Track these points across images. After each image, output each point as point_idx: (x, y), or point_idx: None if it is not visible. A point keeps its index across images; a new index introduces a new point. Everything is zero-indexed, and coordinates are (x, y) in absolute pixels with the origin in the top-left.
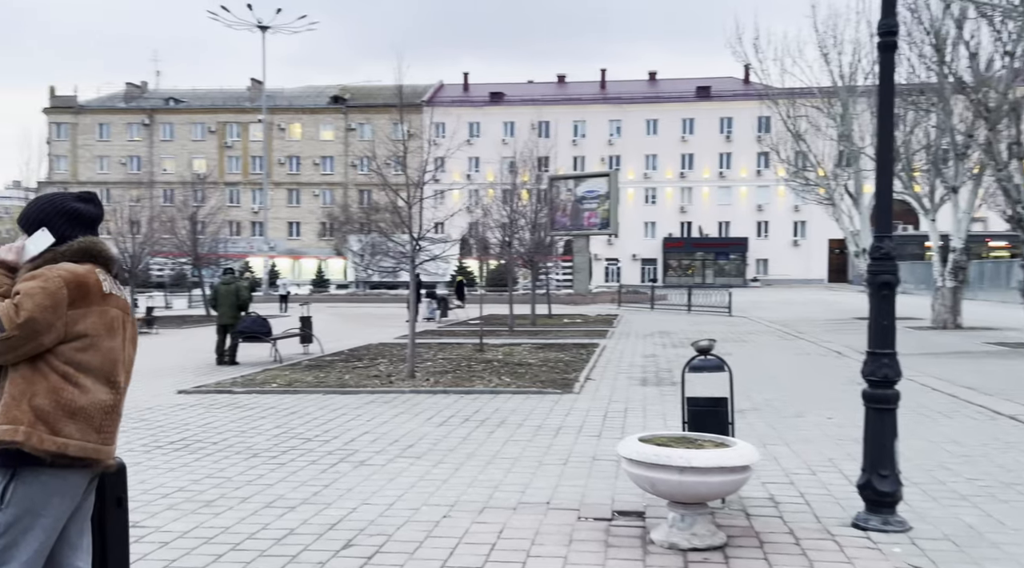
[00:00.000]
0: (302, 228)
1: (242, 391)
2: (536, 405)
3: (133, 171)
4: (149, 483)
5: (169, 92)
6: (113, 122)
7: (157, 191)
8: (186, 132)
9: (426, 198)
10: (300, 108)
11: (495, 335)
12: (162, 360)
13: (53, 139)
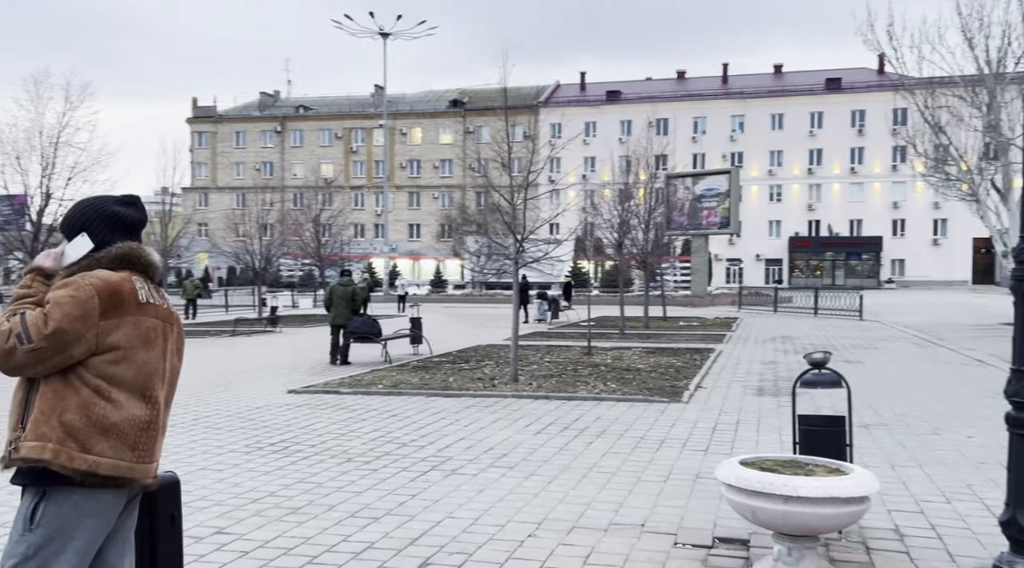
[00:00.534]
0: (422, 230)
1: (348, 392)
2: (641, 414)
3: (266, 176)
4: (242, 486)
5: (299, 100)
6: (248, 130)
7: (288, 195)
8: (315, 138)
9: (531, 199)
10: (421, 113)
11: (605, 338)
12: (280, 359)
13: (195, 147)
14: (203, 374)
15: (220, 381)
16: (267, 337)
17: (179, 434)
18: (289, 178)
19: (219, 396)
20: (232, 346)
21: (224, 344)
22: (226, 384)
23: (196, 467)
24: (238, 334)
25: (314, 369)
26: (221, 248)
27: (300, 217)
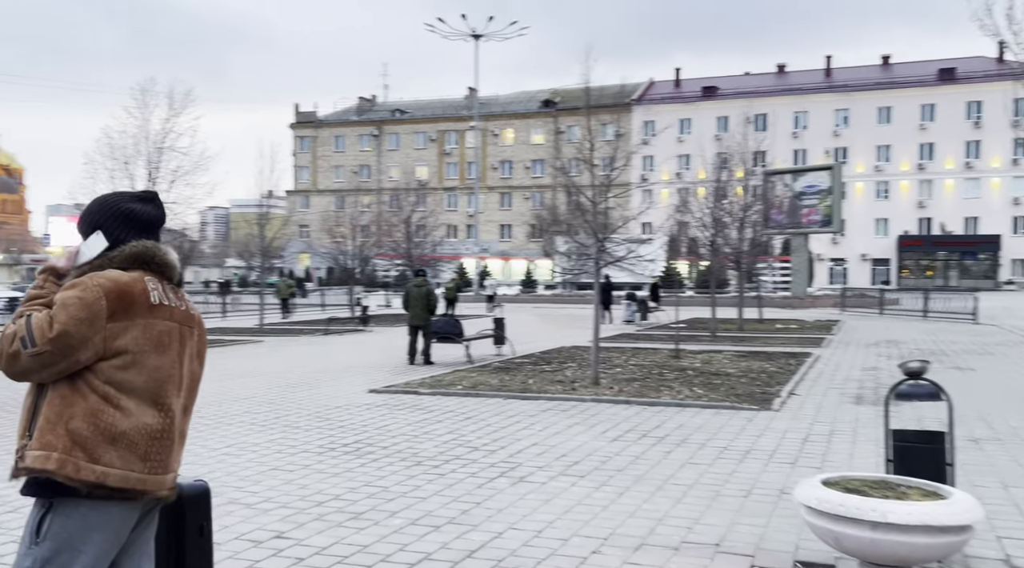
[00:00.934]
0: (513, 230)
1: (427, 392)
2: (726, 422)
3: (364, 179)
4: (309, 489)
5: (395, 104)
6: (347, 134)
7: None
8: (410, 141)
9: (613, 197)
10: (513, 114)
11: (695, 340)
12: (366, 358)
13: (297, 151)
14: (291, 372)
15: (306, 379)
16: (358, 336)
17: (258, 433)
18: (385, 180)
19: (303, 394)
20: (323, 344)
21: (316, 343)
22: (311, 382)
23: (268, 467)
24: (330, 333)
25: (398, 369)
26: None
27: (392, 218)
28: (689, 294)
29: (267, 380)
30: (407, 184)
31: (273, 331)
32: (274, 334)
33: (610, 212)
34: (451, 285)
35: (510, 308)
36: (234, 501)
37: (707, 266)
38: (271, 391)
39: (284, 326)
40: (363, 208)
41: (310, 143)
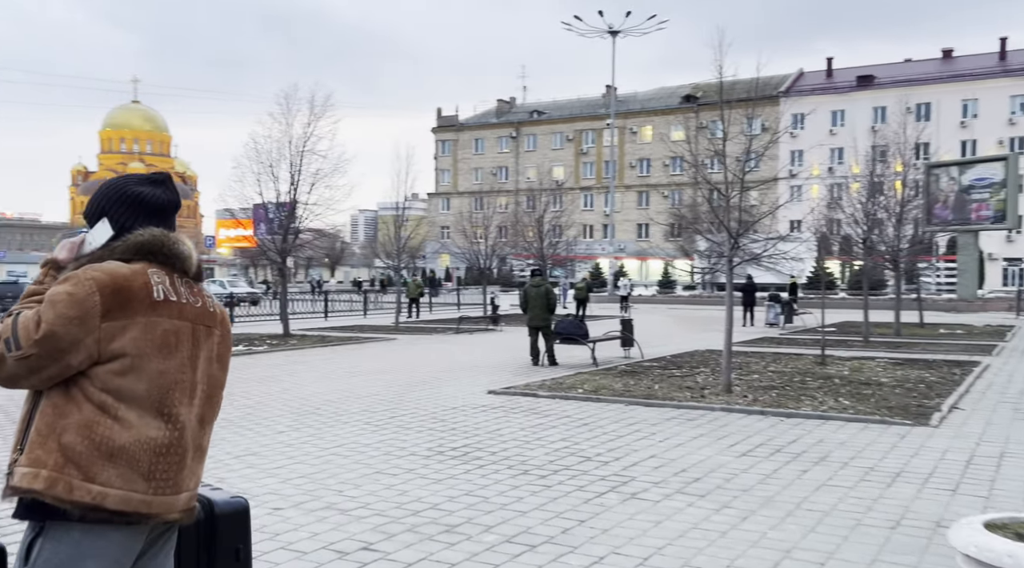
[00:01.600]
0: (651, 229)
1: (546, 395)
2: (875, 438)
3: (502, 181)
4: (408, 495)
5: (533, 105)
6: (486, 136)
7: (520, 198)
8: (547, 141)
9: (749, 190)
10: (651, 110)
11: (845, 346)
12: (492, 357)
13: (439, 155)
14: (416, 370)
15: (428, 378)
16: (487, 335)
17: (371, 433)
18: (522, 181)
19: (422, 394)
20: (453, 343)
21: (446, 341)
22: (432, 381)
23: (372, 470)
24: (461, 331)
25: (521, 369)
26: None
27: (525, 218)
28: (841, 295)
29: (391, 378)
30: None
31: (407, 329)
32: (408, 332)
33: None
34: (581, 285)
35: (644, 309)
36: (331, 506)
37: (860, 266)
38: (392, 389)
39: (418, 324)
40: (500, 209)
41: (451, 146)
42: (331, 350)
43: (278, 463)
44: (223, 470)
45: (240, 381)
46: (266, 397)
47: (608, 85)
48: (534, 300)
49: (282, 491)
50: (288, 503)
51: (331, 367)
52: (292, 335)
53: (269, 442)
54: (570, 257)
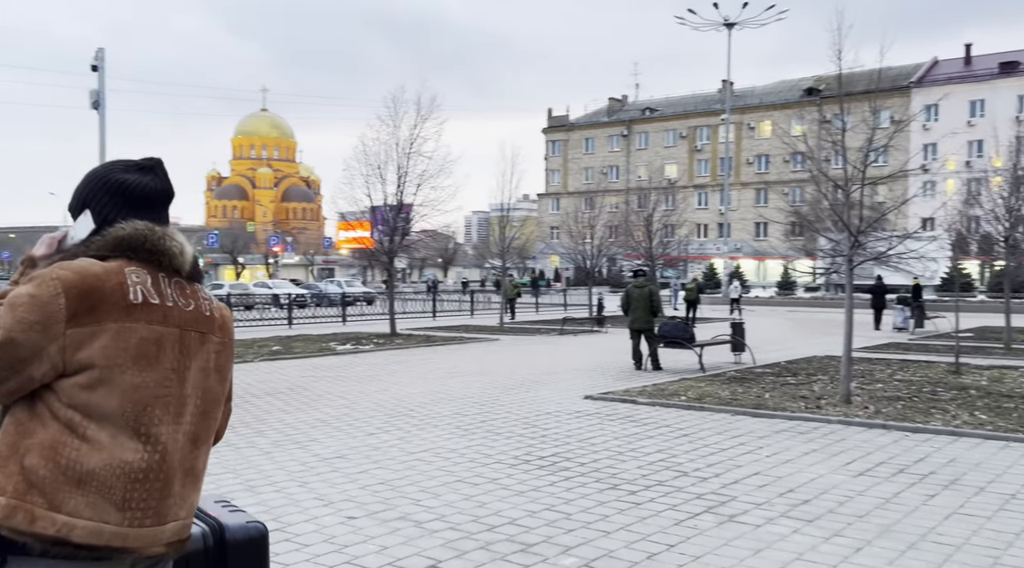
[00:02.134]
0: (769, 228)
1: (645, 402)
2: (1017, 460)
3: (612, 180)
4: (487, 508)
5: (645, 103)
6: (596, 135)
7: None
8: (659, 139)
9: (871, 185)
10: (770, 105)
11: (984, 353)
12: (593, 359)
13: (549, 155)
14: (515, 372)
15: (526, 381)
16: (592, 337)
17: (459, 438)
18: (633, 180)
19: (517, 397)
20: (555, 344)
21: (549, 342)
22: (530, 384)
23: (454, 478)
24: (565, 333)
25: (622, 373)
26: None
27: (633, 218)
28: (980, 298)
29: (488, 380)
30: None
31: (511, 330)
32: (512, 333)
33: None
34: (692, 286)
35: (761, 311)
36: (405, 517)
37: (1001, 266)
38: (488, 391)
39: (522, 325)
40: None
41: (561, 146)
42: (433, 350)
43: (362, 467)
44: (309, 474)
45: (340, 380)
46: (362, 397)
47: (724, 80)
48: (636, 301)
49: (360, 498)
50: (363, 511)
51: (431, 367)
52: (399, 334)
53: (358, 445)
54: (682, 257)
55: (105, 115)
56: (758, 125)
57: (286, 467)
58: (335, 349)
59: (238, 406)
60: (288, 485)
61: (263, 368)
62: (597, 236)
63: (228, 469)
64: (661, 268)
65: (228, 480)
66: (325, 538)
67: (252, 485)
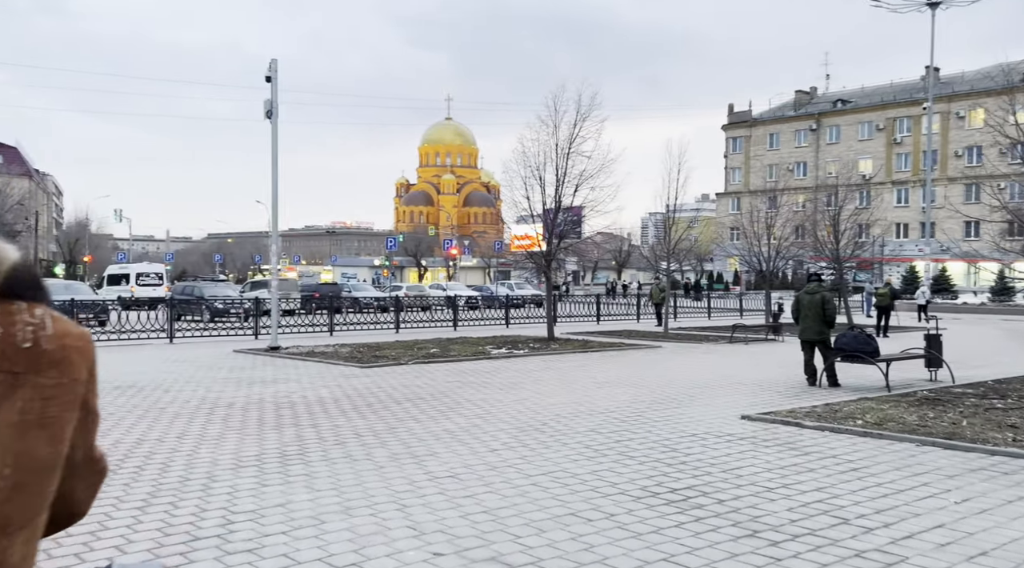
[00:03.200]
0: (981, 227)
1: (812, 426)
2: None
3: (799, 177)
4: (592, 553)
5: (837, 94)
6: (782, 130)
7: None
8: (852, 132)
9: None
10: (983, 91)
11: None
12: (761, 373)
13: (729, 153)
14: (669, 384)
15: (679, 394)
16: (765, 346)
17: (586, 460)
18: (823, 177)
19: (664, 414)
20: (721, 354)
21: (715, 351)
22: (682, 399)
23: (566, 511)
24: (735, 341)
25: (792, 389)
26: (729, 251)
27: (817, 217)
28: None
29: (637, 393)
30: (843, 179)
31: (676, 337)
32: (676, 340)
33: None
34: (884, 291)
35: (969, 320)
36: (496, 559)
37: None
38: (633, 406)
39: (688, 332)
40: (795, 207)
41: (742, 143)
42: (587, 357)
43: (471, 490)
44: (413, 495)
45: (484, 387)
46: (499, 407)
47: (927, 66)
48: (807, 309)
49: (456, 529)
50: (453, 547)
51: (579, 376)
52: (556, 339)
53: (475, 463)
54: (876, 259)
55: (277, 124)
56: (968, 114)
57: (393, 485)
58: (490, 353)
59: (374, 413)
60: (386, 508)
61: (413, 372)
62: (776, 236)
63: (335, 486)
64: (852, 271)
65: (329, 499)
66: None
67: (349, 507)
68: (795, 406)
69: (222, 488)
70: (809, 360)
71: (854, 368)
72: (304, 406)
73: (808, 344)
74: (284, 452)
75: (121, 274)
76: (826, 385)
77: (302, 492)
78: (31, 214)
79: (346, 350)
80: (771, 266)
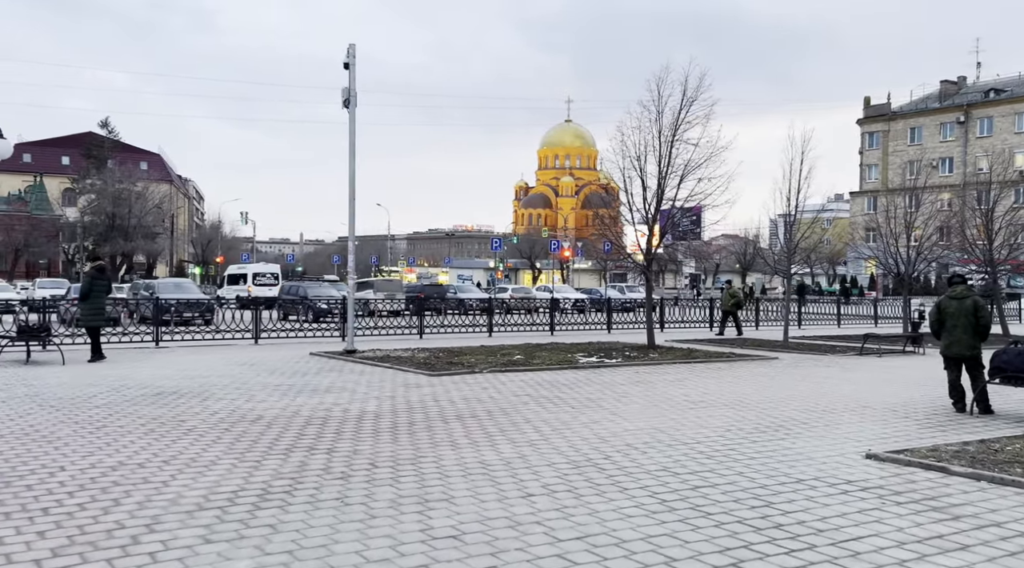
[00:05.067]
0: None
1: (962, 471)
2: None
3: (944, 173)
4: None
5: (989, 84)
6: (925, 124)
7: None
8: (1007, 124)
9: None
10: None
11: None
12: (898, 393)
13: (865, 149)
14: (779, 406)
15: (789, 420)
16: (901, 359)
17: (642, 518)
18: (971, 173)
19: (765, 447)
20: (847, 369)
21: (839, 365)
22: (792, 427)
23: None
24: (866, 353)
25: (934, 417)
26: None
27: (967, 214)
28: None
29: (737, 416)
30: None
31: (797, 347)
32: (797, 350)
33: None
34: None
35: None
36: None
37: None
38: (728, 435)
39: (813, 342)
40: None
41: (880, 138)
42: (689, 369)
43: (472, 564)
44: (390, 566)
45: (555, 403)
46: (561, 431)
47: None
48: (955, 317)
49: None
50: None
51: (673, 393)
52: (657, 347)
53: (497, 514)
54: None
55: (355, 113)
56: None
57: (369, 549)
58: (578, 362)
59: (411, 434)
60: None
61: (485, 382)
62: (916, 235)
63: (292, 548)
64: (1007, 275)
65: (277, 561)
66: None
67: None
68: (938, 442)
69: (151, 543)
70: (956, 381)
71: (1017, 392)
72: (337, 423)
73: (954, 361)
74: (268, 489)
75: (239, 274)
76: (977, 412)
77: (243, 558)
78: (168, 217)
79: (424, 354)
80: (911, 269)
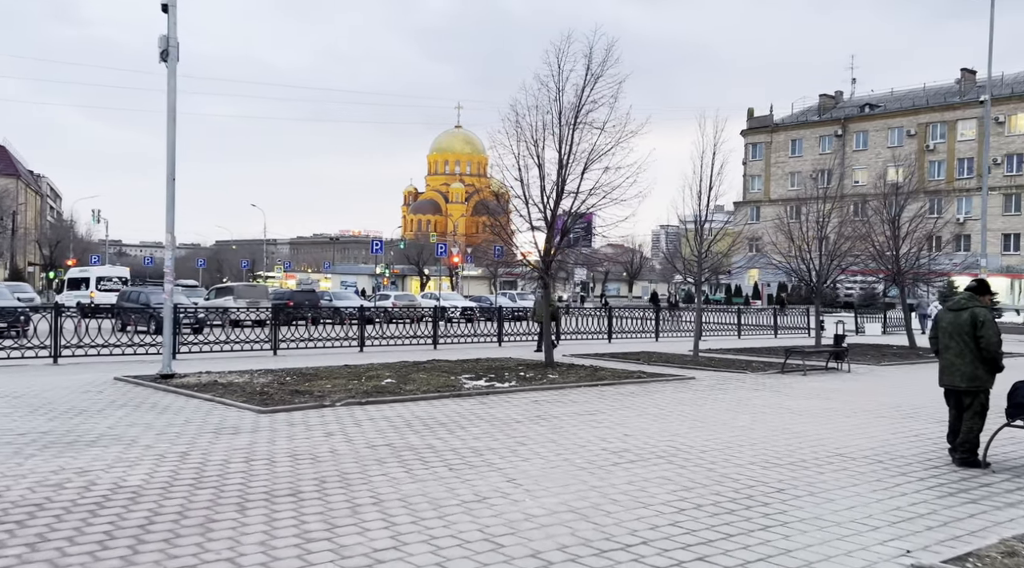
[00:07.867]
0: (1022, 240)
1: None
2: None
3: (823, 185)
4: None
5: (864, 99)
6: (805, 136)
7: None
8: (880, 139)
9: None
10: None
11: None
12: (861, 426)
13: (748, 160)
14: (727, 461)
15: (759, 485)
16: (830, 378)
17: None
18: (849, 185)
19: (746, 555)
20: (784, 393)
21: (769, 387)
22: (767, 500)
23: None
24: (788, 370)
25: (938, 471)
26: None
27: (873, 219)
28: None
29: (680, 479)
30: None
31: (709, 362)
32: (710, 367)
33: None
34: None
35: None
36: None
37: None
38: (681, 523)
39: (723, 355)
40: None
41: (763, 149)
42: (599, 394)
43: None
44: None
45: (413, 462)
46: (419, 529)
47: (965, 69)
48: (947, 336)
49: None
50: None
51: (587, 435)
52: (556, 365)
53: None
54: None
55: (175, 69)
56: (1008, 119)
57: None
58: (462, 387)
59: (172, 539)
60: None
61: (334, 422)
62: (830, 244)
63: None
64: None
65: None
66: None
67: None
68: (992, 528)
69: None
70: (955, 420)
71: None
72: (51, 518)
73: (955, 395)
74: None
75: (82, 278)
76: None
77: None
78: (9, 214)
79: (267, 379)
80: (822, 279)
